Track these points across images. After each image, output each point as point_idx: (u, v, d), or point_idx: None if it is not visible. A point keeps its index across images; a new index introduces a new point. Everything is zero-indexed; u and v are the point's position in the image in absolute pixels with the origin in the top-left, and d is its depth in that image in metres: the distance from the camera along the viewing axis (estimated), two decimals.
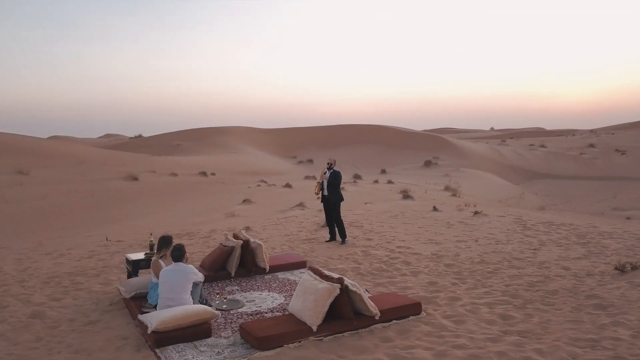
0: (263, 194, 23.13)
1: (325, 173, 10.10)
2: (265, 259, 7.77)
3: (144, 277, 6.65)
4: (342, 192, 10.54)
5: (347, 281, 5.18)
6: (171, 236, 6.42)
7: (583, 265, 7.60)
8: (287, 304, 6.20)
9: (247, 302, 6.40)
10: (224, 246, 7.76)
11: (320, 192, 10.28)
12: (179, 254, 5.72)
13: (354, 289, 5.18)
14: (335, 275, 5.32)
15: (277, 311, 5.97)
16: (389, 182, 31.86)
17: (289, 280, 7.41)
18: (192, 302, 5.61)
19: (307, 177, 34.96)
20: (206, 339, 5.14)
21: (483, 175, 41.98)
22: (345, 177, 37.49)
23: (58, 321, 5.85)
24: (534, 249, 9.03)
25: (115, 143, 60.02)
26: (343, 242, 10.06)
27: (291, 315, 5.39)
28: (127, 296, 6.20)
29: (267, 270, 7.75)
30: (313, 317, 5.01)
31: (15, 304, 6.55)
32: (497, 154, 51.22)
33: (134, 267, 6.94)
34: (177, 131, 51.61)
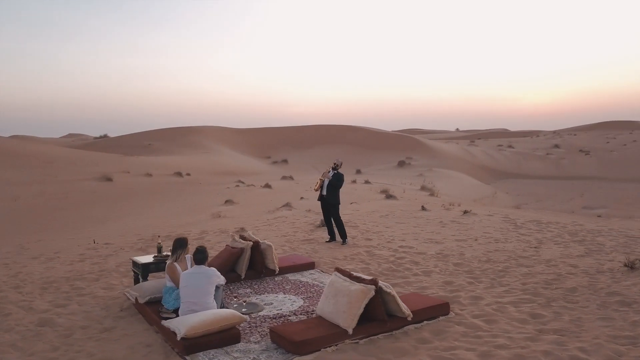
0: (244, 195, 22.81)
1: (328, 172, 9.97)
2: (275, 261, 7.60)
3: (157, 281, 6.39)
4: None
5: (381, 282, 5.09)
6: (186, 238, 6.18)
7: (589, 263, 7.72)
8: (309, 307, 6.07)
9: (264, 305, 6.22)
10: (232, 248, 7.55)
11: (319, 191, 10.14)
12: (202, 257, 5.50)
13: (387, 290, 5.09)
14: (366, 277, 5.22)
15: (301, 314, 5.81)
16: (367, 182, 31.99)
17: (301, 281, 7.26)
18: (216, 306, 5.41)
19: (284, 178, 34.74)
20: (236, 345, 4.95)
21: (456, 175, 42.65)
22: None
23: (70, 329, 5.54)
24: (535, 247, 9.14)
25: (81, 143, 58.27)
26: (344, 242, 9.95)
27: (320, 318, 5.25)
28: (142, 301, 5.94)
29: (277, 272, 7.59)
30: (348, 319, 4.89)
31: (17, 311, 6.18)
32: (468, 154, 52.14)
33: (144, 271, 6.66)
34: (148, 131, 50.49)
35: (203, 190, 25.58)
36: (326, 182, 9.92)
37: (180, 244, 6.06)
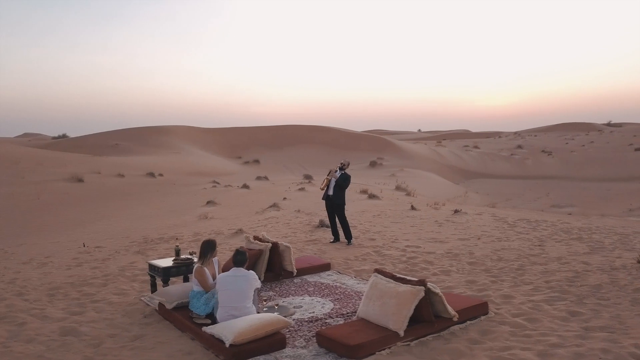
0: (224, 195, 22.39)
1: (335, 172, 9.85)
2: (293, 262, 7.44)
3: (182, 285, 6.12)
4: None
5: (429, 283, 5.02)
6: (215, 240, 5.95)
7: (599, 260, 7.90)
8: (340, 309, 5.95)
9: (293, 308, 6.06)
10: (250, 249, 7.34)
11: (324, 191, 10.01)
12: (243, 259, 5.30)
13: (435, 290, 5.03)
14: (411, 278, 5.14)
15: (336, 317, 5.68)
16: None
17: (322, 283, 7.12)
18: (255, 311, 5.22)
19: (259, 178, 34.36)
20: (283, 350, 4.78)
21: (427, 175, 43.25)
22: (297, 178, 37.28)
23: (98, 338, 5.23)
24: (539, 246, 9.30)
25: (41, 143, 56.02)
26: (349, 243, 9.86)
27: (364, 320, 5.14)
28: (169, 307, 5.68)
29: (295, 273, 7.43)
30: (398, 321, 4.80)
31: (31, 320, 5.80)
32: (436, 155, 52.99)
33: (165, 275, 6.37)
34: (114, 130, 49.00)
35: (179, 191, 24.98)
36: (333, 181, 9.80)
37: (209, 247, 5.83)
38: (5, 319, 5.86)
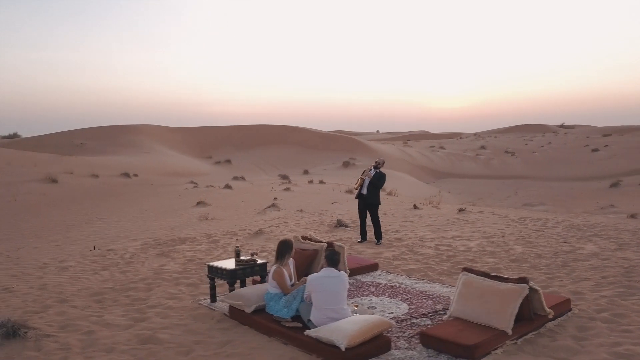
0: (210, 196, 21.84)
1: (370, 171, 9.73)
2: (346, 262, 7.29)
3: (254, 287, 5.86)
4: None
5: (530, 281, 5.00)
6: (292, 240, 5.74)
7: (636, 255, 8.14)
8: (417, 309, 5.85)
9: (367, 308, 5.92)
10: (303, 250, 7.13)
11: (358, 190, 9.89)
12: (337, 258, 5.12)
13: (535, 287, 5.01)
14: (507, 276, 5.11)
15: (419, 317, 5.58)
16: (321, 182, 31.83)
17: (379, 283, 7.01)
18: (350, 313, 5.05)
19: (235, 178, 33.79)
20: (391, 352, 4.64)
21: (400, 175, 43.71)
22: (272, 178, 36.90)
23: (183, 345, 4.93)
24: (565, 242, 9.51)
25: None
26: (378, 242, 9.79)
27: (459, 320, 5.06)
28: (249, 310, 5.42)
29: (348, 274, 7.27)
30: (504, 320, 4.74)
31: (98, 328, 5.41)
32: (407, 155, 53.71)
33: (232, 278, 6.08)
34: (78, 129, 47.06)
35: (161, 191, 24.22)
36: (367, 180, 9.68)
37: (287, 248, 5.62)
38: (67, 327, 5.45)
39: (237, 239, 10.54)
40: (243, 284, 6.50)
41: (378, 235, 9.81)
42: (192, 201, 19.57)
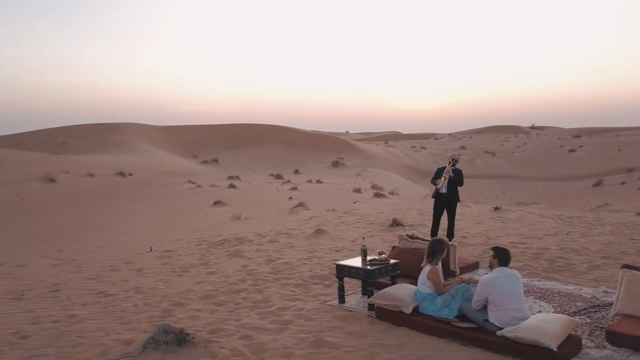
0: (221, 196, 21.36)
1: (449, 167, 9.59)
2: (456, 262, 7.17)
3: (400, 288, 5.65)
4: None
5: None
6: (445, 240, 5.57)
7: None
8: (563, 307, 5.77)
9: None
10: (415, 249, 6.97)
11: (435, 189, 9.76)
12: (509, 257, 4.97)
13: None
14: None
15: (580, 314, 5.50)
16: (319, 181, 31.65)
17: None
18: (529, 312, 4.91)
19: (230, 177, 33.21)
20: (586, 351, 4.54)
21: (389, 174, 44.00)
22: (265, 177, 36.48)
23: (362, 348, 4.68)
24: (632, 240, 9.65)
25: None
26: (450, 240, 9.69)
27: (631, 317, 5.00)
28: (409, 311, 5.22)
29: (458, 273, 7.15)
30: None
31: (249, 332, 5.10)
32: (392, 155, 54.09)
33: (370, 277, 5.85)
34: (58, 127, 45.39)
35: (164, 191, 23.53)
36: (447, 180, 9.57)
37: (441, 247, 5.46)
38: (219, 331, 5.13)
39: (363, 237, 10.18)
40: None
41: (451, 233, 9.72)
42: (208, 201, 19.09)
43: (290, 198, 20.13)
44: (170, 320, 5.52)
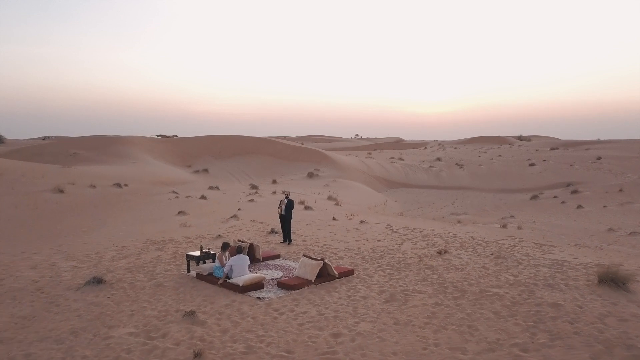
0: (188, 206, 27.95)
1: (285, 196, 16.02)
2: (260, 253, 13.61)
3: (208, 264, 12.14)
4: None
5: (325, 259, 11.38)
6: (229, 242, 12.03)
7: (410, 247, 14.62)
8: (286, 273, 12.18)
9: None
10: (241, 245, 13.44)
11: None
12: (242, 250, 11.44)
13: (328, 262, 11.39)
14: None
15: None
16: (273, 193, 37.83)
17: (276, 264, 13.35)
18: (247, 275, 11.37)
19: (210, 188, 39.86)
20: (265, 291, 10.97)
21: (355, 185, 50.31)
22: (244, 187, 43.11)
23: (187, 286, 11.17)
24: (399, 244, 15.94)
25: None
26: (289, 243, 16.10)
27: (299, 277, 11.38)
28: (205, 274, 11.70)
29: (261, 259, 13.58)
30: (313, 275, 11.09)
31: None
32: (365, 166, 60.41)
33: (198, 260, 12.34)
34: (71, 137, 52.54)
35: (147, 200, 30.21)
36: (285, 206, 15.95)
37: (226, 245, 11.92)
38: (120, 280, 11.69)
39: (201, 240, 16.68)
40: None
41: (289, 237, 16.11)
42: (175, 210, 25.71)
43: (239, 209, 26.67)
44: (101, 276, 12.05)
